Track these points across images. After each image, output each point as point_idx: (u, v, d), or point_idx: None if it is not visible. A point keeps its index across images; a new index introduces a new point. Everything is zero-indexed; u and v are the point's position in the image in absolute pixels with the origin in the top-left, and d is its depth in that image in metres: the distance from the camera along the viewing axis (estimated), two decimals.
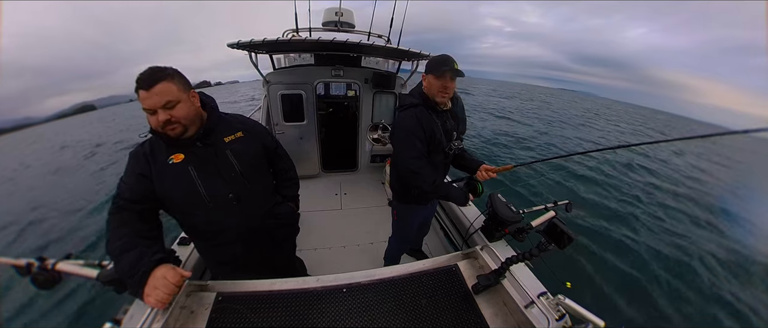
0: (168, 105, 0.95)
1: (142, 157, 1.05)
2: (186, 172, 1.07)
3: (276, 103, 3.21)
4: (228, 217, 1.16)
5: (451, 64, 1.34)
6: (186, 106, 1.00)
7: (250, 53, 2.66)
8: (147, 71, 0.93)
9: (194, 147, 1.08)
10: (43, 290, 1.01)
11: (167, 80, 0.94)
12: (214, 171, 1.11)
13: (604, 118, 29.11)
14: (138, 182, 1.02)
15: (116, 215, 0.99)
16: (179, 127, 1.00)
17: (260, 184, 1.27)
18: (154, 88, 0.92)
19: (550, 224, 1.14)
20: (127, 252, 0.91)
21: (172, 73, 0.97)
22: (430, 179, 1.45)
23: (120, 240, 0.93)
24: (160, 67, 0.96)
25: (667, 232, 5.28)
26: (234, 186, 1.15)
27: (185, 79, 1.01)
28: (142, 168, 1.03)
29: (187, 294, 1.15)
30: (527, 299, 1.15)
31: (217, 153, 1.13)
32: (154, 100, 0.93)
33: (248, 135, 1.24)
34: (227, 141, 1.16)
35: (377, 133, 3.61)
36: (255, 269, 1.33)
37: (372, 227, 2.82)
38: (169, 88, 0.94)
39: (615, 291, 3.49)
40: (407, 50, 2.49)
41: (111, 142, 14.18)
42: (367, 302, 1.19)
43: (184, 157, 1.06)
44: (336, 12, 3.32)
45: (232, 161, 1.15)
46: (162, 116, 0.95)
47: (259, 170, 1.27)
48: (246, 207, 1.19)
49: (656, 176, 8.78)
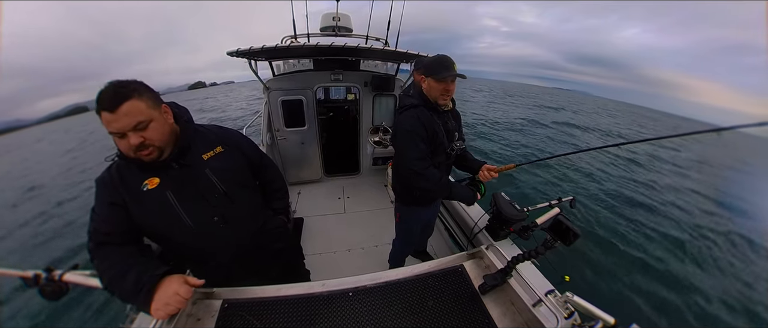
0: (139, 126, 0.83)
1: (110, 184, 0.93)
2: (164, 198, 0.96)
3: (277, 110, 3.22)
4: (216, 240, 1.08)
5: (452, 69, 1.32)
6: (159, 125, 0.89)
7: (250, 60, 2.68)
8: (109, 89, 0.80)
9: (170, 169, 0.97)
10: (50, 301, 1.01)
11: (134, 98, 0.82)
12: (194, 194, 1.01)
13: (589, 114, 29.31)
14: (112, 212, 0.92)
15: (97, 251, 0.90)
16: (155, 150, 0.89)
17: (247, 201, 1.18)
18: (120, 109, 0.79)
19: (555, 221, 1.14)
20: (126, 274, 0.84)
21: (139, 88, 0.85)
22: (434, 178, 1.43)
23: (113, 269, 0.86)
24: (124, 83, 0.83)
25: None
26: (219, 208, 1.05)
27: (154, 94, 0.89)
28: (113, 196, 0.92)
29: (193, 302, 1.15)
30: (535, 298, 1.13)
31: (197, 173, 1.02)
32: (122, 123, 0.81)
33: (228, 149, 1.13)
34: (206, 158, 1.05)
35: (378, 136, 3.61)
36: (256, 282, 1.27)
37: (376, 229, 2.82)
38: (137, 107, 0.82)
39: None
40: (405, 52, 2.50)
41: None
42: (374, 305, 1.18)
43: (159, 182, 0.95)
44: (333, 17, 3.34)
45: (214, 181, 1.04)
46: (134, 139, 0.83)
47: (244, 186, 1.17)
48: (235, 228, 1.11)
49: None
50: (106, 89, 0.80)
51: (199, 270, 1.14)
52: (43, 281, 1.00)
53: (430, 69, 1.37)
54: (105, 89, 0.80)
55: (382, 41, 3.45)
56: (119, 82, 0.83)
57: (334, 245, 2.60)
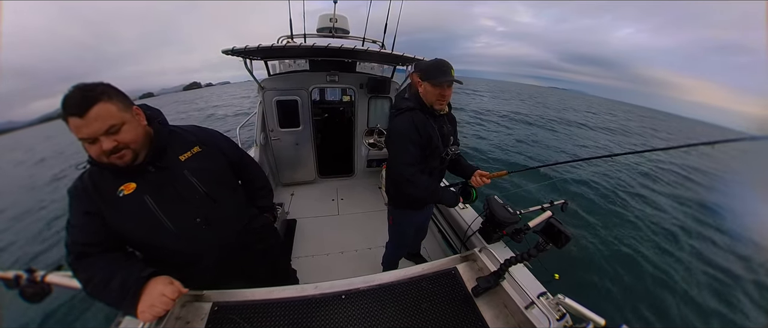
0: (111, 130, 0.80)
1: (84, 193, 0.89)
2: (142, 203, 0.93)
3: (271, 110, 3.20)
4: (200, 243, 1.05)
5: (450, 74, 1.32)
6: (133, 128, 0.86)
7: (245, 59, 2.66)
8: (75, 93, 0.76)
9: (146, 173, 0.93)
10: (32, 303, 0.98)
11: (104, 101, 0.78)
12: (174, 197, 0.98)
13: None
14: (89, 222, 0.88)
15: (78, 263, 0.87)
16: (129, 153, 0.86)
17: (229, 200, 1.15)
18: (90, 113, 0.76)
19: (547, 224, 1.15)
20: (110, 281, 0.82)
21: (107, 90, 0.81)
22: (423, 185, 1.43)
23: (96, 277, 0.83)
24: (90, 86, 0.79)
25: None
26: (201, 209, 1.03)
27: (123, 95, 0.85)
28: (87, 205, 0.89)
29: (182, 305, 1.12)
30: (527, 300, 1.14)
31: (175, 175, 0.99)
32: (93, 128, 0.77)
33: (206, 148, 1.11)
34: (183, 160, 1.02)
35: (373, 138, 3.61)
36: (243, 285, 1.25)
37: (370, 232, 2.81)
38: (108, 110, 0.79)
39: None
40: (402, 55, 2.51)
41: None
42: (367, 308, 1.18)
43: (136, 187, 0.92)
44: (330, 18, 3.35)
45: (193, 182, 1.02)
46: (107, 144, 0.80)
47: (225, 186, 1.14)
48: (218, 229, 1.08)
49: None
50: (71, 94, 0.75)
51: (184, 275, 1.06)
52: (25, 283, 0.97)
53: (428, 73, 1.37)
54: (71, 94, 0.75)
55: (379, 43, 3.47)
56: (85, 85, 0.79)
57: (327, 247, 2.58)
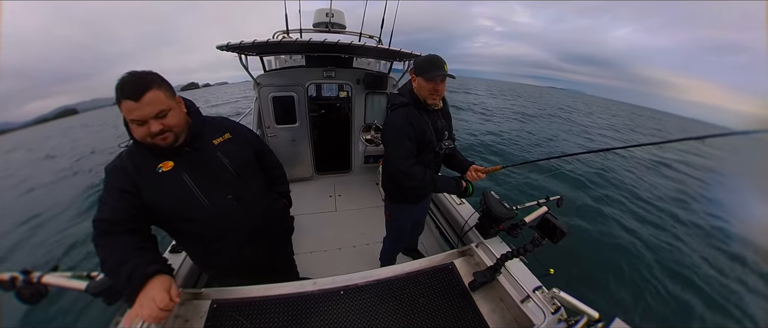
0: (160, 114, 0.91)
1: (122, 171, 0.97)
2: (179, 179, 1.02)
3: (267, 106, 3.17)
4: (231, 218, 1.13)
5: (442, 68, 1.33)
6: (176, 114, 0.97)
7: (240, 55, 2.63)
8: (131, 79, 0.86)
9: (184, 153, 1.03)
10: (28, 304, 0.97)
11: (155, 88, 0.89)
12: (209, 175, 1.08)
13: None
14: (121, 199, 0.94)
15: (101, 239, 0.92)
16: (171, 135, 0.96)
17: (255, 182, 1.27)
18: (144, 98, 0.86)
19: (542, 220, 1.16)
20: (121, 267, 0.85)
21: (158, 79, 0.91)
22: (419, 175, 1.44)
23: (112, 258, 0.88)
24: (143, 74, 0.89)
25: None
26: (231, 187, 1.13)
27: (170, 85, 0.96)
28: (123, 183, 0.95)
29: (181, 303, 1.13)
30: (523, 294, 1.16)
31: (209, 156, 1.10)
32: (145, 111, 0.87)
33: (235, 136, 1.22)
34: (216, 143, 1.13)
35: (370, 134, 3.60)
36: (258, 271, 1.33)
37: (367, 228, 2.82)
38: (158, 97, 0.90)
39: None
40: (399, 50, 2.50)
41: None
42: (365, 303, 1.19)
43: (174, 165, 1.01)
44: (326, 13, 3.30)
45: (225, 162, 1.12)
46: (155, 126, 0.90)
47: (251, 169, 1.26)
48: (246, 206, 1.17)
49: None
50: (127, 80, 0.85)
51: (213, 249, 1.17)
52: (21, 284, 0.96)
53: (421, 68, 1.38)
54: (127, 80, 0.85)
55: (376, 39, 3.43)
56: (139, 73, 0.89)
57: (325, 244, 2.59)
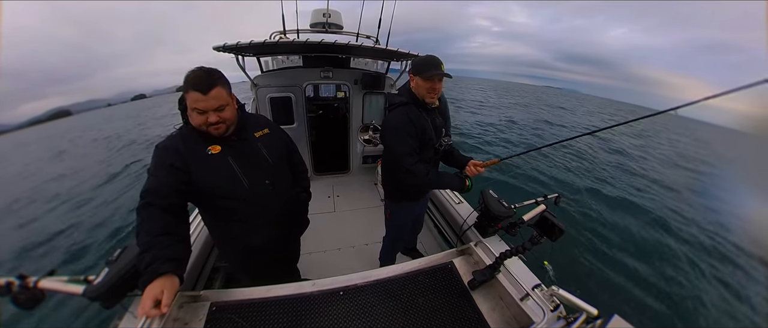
0: (219, 108, 1.05)
1: (173, 149, 1.09)
2: (226, 162, 1.16)
3: (265, 107, 3.16)
4: (266, 201, 1.28)
5: (439, 68, 1.36)
6: (231, 109, 1.12)
7: (237, 56, 2.62)
8: (202, 74, 1.00)
9: (231, 141, 1.18)
10: (24, 309, 0.96)
11: (220, 85, 1.03)
12: (251, 161, 1.23)
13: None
14: (169, 174, 1.05)
15: (143, 211, 1.00)
16: (223, 127, 1.10)
17: (287, 173, 1.45)
18: (211, 93, 1.01)
19: (541, 218, 1.17)
20: (147, 252, 0.93)
21: (222, 77, 1.06)
22: (422, 173, 1.45)
23: (147, 236, 0.95)
24: (211, 71, 1.03)
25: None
26: (269, 173, 1.28)
27: (229, 84, 1.11)
28: (174, 159, 1.06)
29: (180, 306, 1.12)
30: (522, 292, 1.17)
31: (251, 146, 1.25)
32: (209, 103, 1.02)
33: (273, 132, 1.38)
34: (257, 136, 1.29)
35: (368, 134, 3.60)
36: (278, 258, 1.52)
37: (366, 228, 2.82)
38: (221, 93, 1.04)
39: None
40: (396, 50, 2.50)
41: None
42: (365, 303, 1.19)
43: (221, 149, 1.15)
44: (324, 13, 3.30)
45: (264, 153, 1.28)
46: (213, 117, 1.05)
47: (284, 161, 1.43)
48: (279, 191, 1.33)
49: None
50: (198, 74, 1.00)
51: (249, 229, 1.30)
52: (17, 289, 0.95)
53: (418, 68, 1.41)
54: (197, 74, 1.00)
55: (373, 39, 3.44)
56: (208, 70, 1.03)
57: (324, 245, 2.59)
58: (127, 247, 1.14)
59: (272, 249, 1.42)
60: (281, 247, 1.49)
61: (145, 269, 0.90)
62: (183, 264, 1.00)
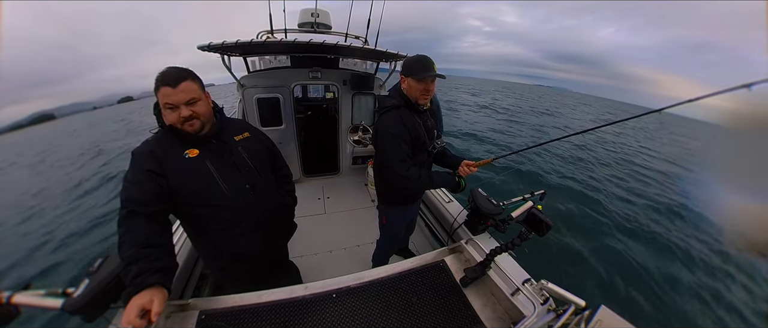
0: (191, 101, 1.03)
1: (150, 154, 1.05)
2: (203, 166, 1.12)
3: (252, 108, 3.10)
4: (246, 206, 1.23)
5: (432, 69, 1.34)
6: (204, 104, 1.10)
7: (223, 56, 2.55)
8: (171, 70, 1.01)
9: (209, 143, 1.15)
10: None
11: (190, 79, 1.03)
12: (230, 165, 1.19)
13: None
14: (148, 180, 1.01)
15: (127, 220, 0.96)
16: (198, 123, 1.08)
17: (269, 177, 1.40)
18: (180, 86, 1.00)
19: (529, 214, 1.20)
20: (132, 265, 0.90)
21: (193, 74, 1.06)
22: (416, 177, 1.44)
23: (132, 247, 0.92)
24: (182, 68, 1.04)
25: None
26: (249, 178, 1.24)
27: (201, 80, 1.10)
28: (151, 165, 1.03)
29: (167, 316, 1.09)
30: (513, 287, 1.20)
31: (231, 149, 1.22)
32: (179, 97, 1.00)
33: (253, 135, 1.36)
34: (238, 139, 1.26)
35: (358, 135, 3.59)
36: (266, 264, 1.45)
37: (357, 229, 2.81)
38: (191, 87, 1.03)
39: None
40: (384, 51, 2.50)
41: None
42: (358, 305, 1.19)
43: (199, 152, 1.12)
44: (312, 13, 3.26)
45: (244, 157, 1.25)
46: (185, 111, 1.02)
47: (266, 166, 1.39)
48: (261, 196, 1.28)
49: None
50: (168, 71, 1.01)
51: (225, 239, 1.24)
52: None
53: (411, 69, 1.39)
54: (167, 71, 1.01)
55: (362, 39, 3.43)
56: (178, 67, 1.04)
57: (315, 247, 2.56)
58: (108, 256, 1.08)
59: (257, 257, 1.36)
60: (266, 254, 1.43)
61: (132, 281, 0.86)
62: (170, 275, 0.96)
